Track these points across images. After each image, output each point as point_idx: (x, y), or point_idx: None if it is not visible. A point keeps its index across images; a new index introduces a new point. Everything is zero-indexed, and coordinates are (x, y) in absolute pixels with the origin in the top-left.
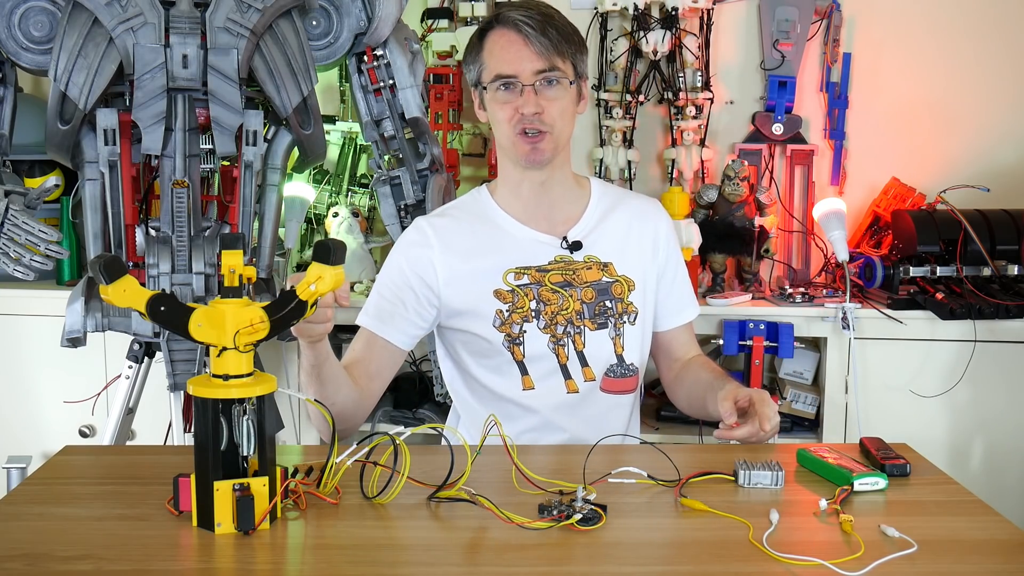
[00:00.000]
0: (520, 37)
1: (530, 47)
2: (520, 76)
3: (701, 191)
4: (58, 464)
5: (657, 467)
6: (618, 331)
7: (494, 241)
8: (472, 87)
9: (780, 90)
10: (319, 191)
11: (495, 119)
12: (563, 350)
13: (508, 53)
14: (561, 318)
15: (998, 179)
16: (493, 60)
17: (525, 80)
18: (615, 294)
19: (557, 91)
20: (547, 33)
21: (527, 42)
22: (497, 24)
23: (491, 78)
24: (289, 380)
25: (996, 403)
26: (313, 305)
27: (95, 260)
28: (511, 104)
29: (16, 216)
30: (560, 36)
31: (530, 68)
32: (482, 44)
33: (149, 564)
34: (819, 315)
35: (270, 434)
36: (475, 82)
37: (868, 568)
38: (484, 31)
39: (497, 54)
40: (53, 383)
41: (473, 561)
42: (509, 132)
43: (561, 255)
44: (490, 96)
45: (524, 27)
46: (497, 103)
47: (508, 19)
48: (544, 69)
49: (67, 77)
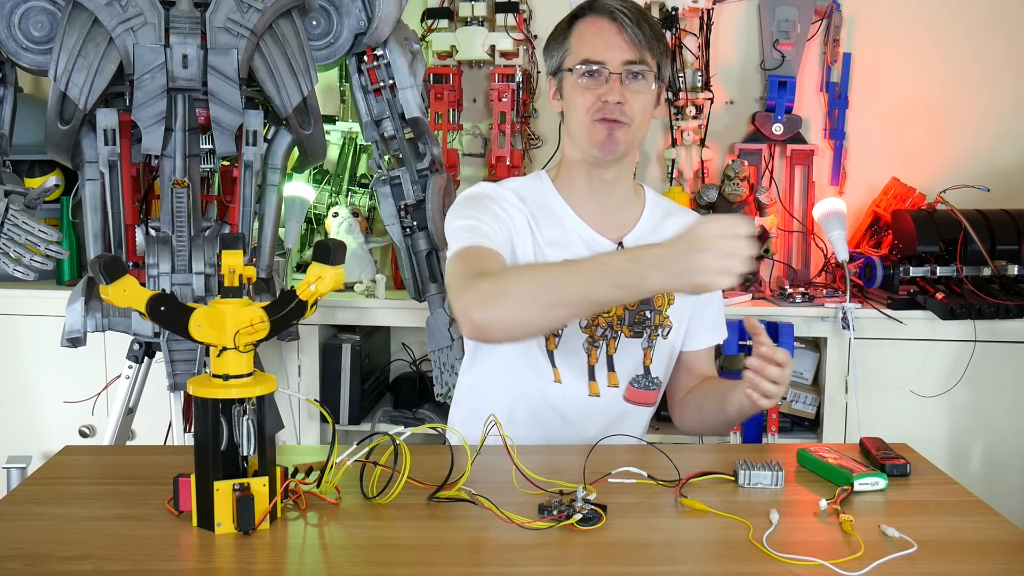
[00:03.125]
0: (615, 26)
1: (623, 36)
2: (608, 64)
3: (701, 191)
4: (58, 464)
5: (657, 467)
6: (651, 343)
7: (552, 229)
8: (550, 75)
9: (780, 90)
10: (319, 191)
11: (572, 105)
12: (596, 352)
13: (599, 39)
14: (603, 320)
15: (998, 179)
16: (582, 45)
17: (613, 68)
18: (656, 305)
19: (642, 85)
20: (641, 26)
21: (621, 31)
22: (590, 12)
23: (577, 62)
24: (289, 380)
25: (996, 403)
26: (313, 305)
27: (95, 260)
28: (593, 91)
29: (16, 216)
30: (653, 33)
31: (620, 57)
32: (571, 30)
33: (149, 564)
34: (819, 315)
35: (270, 434)
36: (555, 68)
37: (868, 568)
38: (575, 17)
39: (587, 40)
40: (53, 383)
41: (473, 561)
42: (586, 119)
43: None
44: (571, 82)
45: (620, 16)
46: (579, 89)
47: (604, 7)
48: (634, 60)
49: (67, 77)
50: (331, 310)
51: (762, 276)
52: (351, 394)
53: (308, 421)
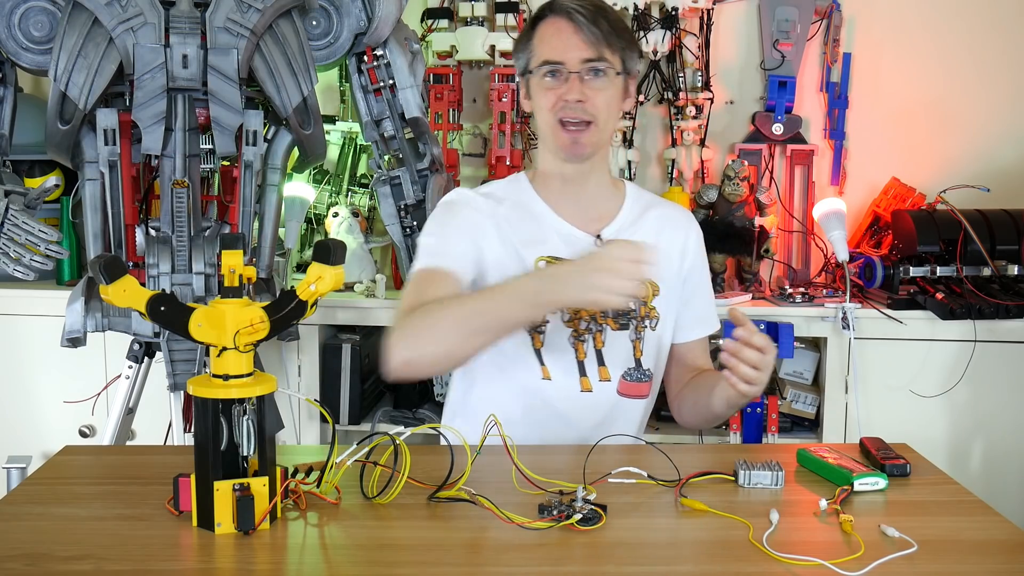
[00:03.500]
0: (571, 25)
1: (580, 35)
2: (567, 63)
3: (701, 191)
4: (58, 464)
5: (657, 467)
6: (639, 335)
7: (529, 228)
8: (519, 76)
9: (780, 90)
10: (319, 191)
11: (538, 106)
12: (583, 346)
13: (557, 40)
14: (585, 313)
15: (998, 179)
16: (543, 46)
17: (571, 67)
18: (640, 297)
19: (603, 82)
20: (598, 23)
21: (577, 30)
22: (550, 13)
23: (538, 63)
24: (289, 380)
25: (996, 403)
26: (313, 305)
27: (95, 260)
28: (555, 91)
29: (16, 216)
30: (611, 28)
31: (578, 56)
32: (533, 31)
33: (149, 564)
34: (819, 315)
35: (270, 434)
36: (523, 70)
37: (868, 568)
38: (537, 19)
39: (547, 40)
40: (53, 383)
41: (473, 561)
42: (550, 120)
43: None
44: (536, 82)
45: (576, 15)
46: (542, 89)
47: (561, 7)
48: (592, 58)
49: (67, 77)
50: (331, 310)
51: (762, 276)
52: (351, 394)
53: (308, 421)
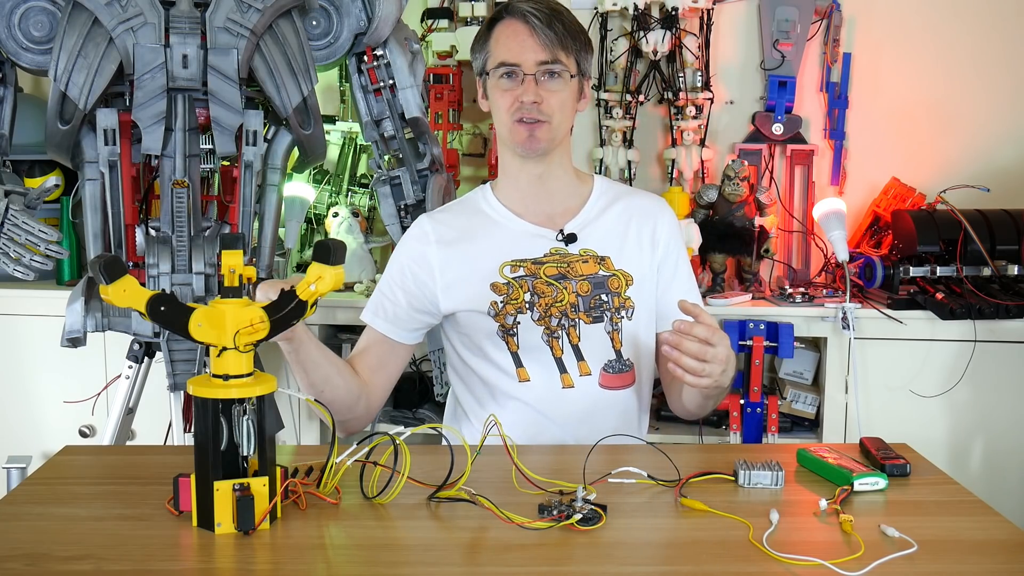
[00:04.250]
0: (526, 28)
1: (535, 38)
2: (523, 65)
3: (701, 191)
4: (58, 464)
5: (657, 467)
6: (615, 326)
7: (489, 235)
8: (477, 76)
9: (780, 90)
10: (319, 191)
11: (495, 106)
12: (557, 343)
13: (513, 43)
14: (555, 310)
15: (998, 179)
16: (499, 48)
17: (527, 70)
18: (612, 288)
19: (558, 84)
20: (553, 26)
21: (532, 33)
22: (506, 15)
23: (495, 65)
24: (289, 380)
25: (996, 403)
26: (313, 305)
27: (95, 260)
28: (512, 93)
29: (16, 216)
30: (566, 31)
31: (533, 59)
32: (490, 33)
33: (149, 564)
34: (819, 315)
35: (270, 434)
36: (480, 71)
37: (868, 568)
38: (494, 21)
39: (503, 43)
40: (53, 383)
41: (473, 561)
42: (507, 120)
43: (556, 247)
44: (492, 84)
45: (531, 18)
46: (499, 91)
47: (517, 10)
48: (547, 61)
49: (67, 77)
50: (331, 310)
51: (762, 276)
52: None
53: (308, 421)
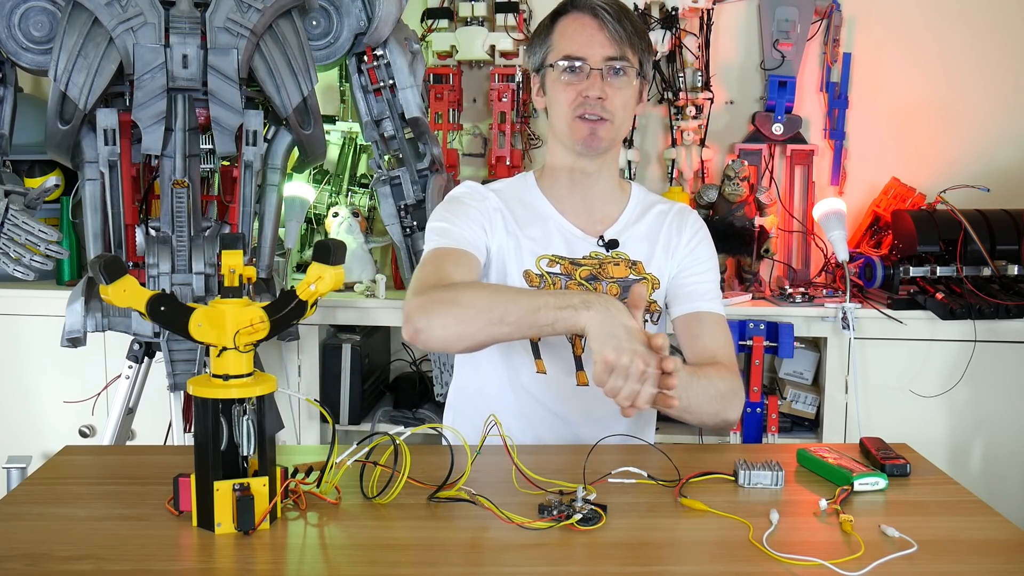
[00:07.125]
0: (596, 22)
1: (604, 32)
2: (589, 59)
3: (701, 191)
4: (58, 464)
5: (657, 467)
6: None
7: (534, 224)
8: (533, 71)
9: (780, 90)
10: (319, 191)
11: (555, 101)
12: (580, 341)
13: (581, 35)
14: None
15: (998, 179)
16: (564, 41)
17: (594, 64)
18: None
19: (623, 81)
20: (622, 23)
21: (602, 27)
22: (573, 8)
23: (559, 58)
24: (289, 380)
25: (996, 403)
26: (313, 305)
27: (95, 260)
28: (575, 87)
29: (16, 216)
30: (634, 29)
31: (601, 53)
32: (553, 26)
33: (149, 564)
34: (819, 315)
35: (270, 434)
36: (539, 65)
37: (868, 568)
38: (558, 14)
39: (569, 36)
40: (53, 383)
41: (473, 561)
42: (568, 115)
43: (596, 251)
44: (554, 77)
45: (601, 12)
46: (560, 84)
47: (586, 4)
48: (615, 56)
49: (67, 77)
50: (331, 310)
51: (762, 276)
52: (351, 394)
53: (308, 421)
